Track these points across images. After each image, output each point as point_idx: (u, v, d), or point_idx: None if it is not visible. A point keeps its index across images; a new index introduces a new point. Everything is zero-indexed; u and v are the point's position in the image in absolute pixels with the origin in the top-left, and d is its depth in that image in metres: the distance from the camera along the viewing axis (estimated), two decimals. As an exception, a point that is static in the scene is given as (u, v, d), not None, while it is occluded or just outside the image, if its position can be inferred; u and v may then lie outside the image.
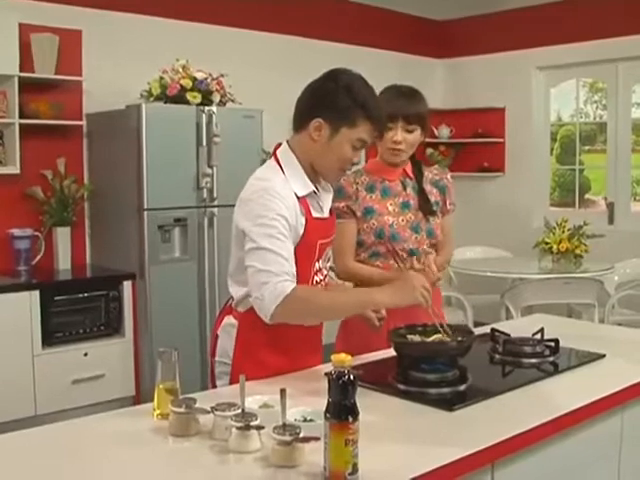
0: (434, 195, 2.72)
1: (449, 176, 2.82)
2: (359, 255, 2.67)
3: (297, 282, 2.05)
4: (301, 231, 2.10)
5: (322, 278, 2.24)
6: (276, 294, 1.95)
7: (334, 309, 2.09)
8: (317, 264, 2.19)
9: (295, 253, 2.08)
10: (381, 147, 2.67)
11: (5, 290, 4.09)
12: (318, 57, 6.10)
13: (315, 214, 2.16)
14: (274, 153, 2.20)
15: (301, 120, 2.14)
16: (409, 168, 2.73)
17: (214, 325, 2.34)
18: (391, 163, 2.69)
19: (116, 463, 1.55)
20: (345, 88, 2.08)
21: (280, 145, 2.21)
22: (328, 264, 2.30)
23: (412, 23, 7.02)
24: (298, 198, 2.11)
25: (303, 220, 2.11)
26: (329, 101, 2.08)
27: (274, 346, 2.16)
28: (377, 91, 2.21)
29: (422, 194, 2.70)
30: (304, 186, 2.14)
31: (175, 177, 4.57)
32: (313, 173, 2.18)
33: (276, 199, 2.04)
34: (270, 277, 1.96)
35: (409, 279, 2.07)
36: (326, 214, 2.24)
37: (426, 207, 2.68)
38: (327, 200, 2.27)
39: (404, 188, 2.69)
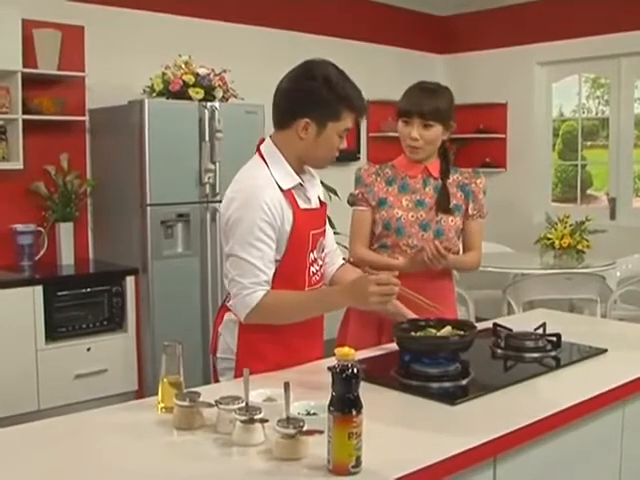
0: (457, 198, 2.68)
1: (479, 181, 2.72)
2: (373, 245, 2.69)
3: (294, 274, 2.14)
4: (289, 226, 2.12)
5: (318, 269, 2.27)
6: (245, 306, 2.09)
7: (299, 312, 2.17)
8: (312, 255, 2.22)
9: (288, 245, 2.13)
10: (402, 143, 2.66)
11: (8, 285, 4.09)
12: (320, 53, 6.05)
13: (303, 205, 2.19)
14: (258, 148, 2.23)
15: (285, 119, 2.16)
16: (435, 166, 2.69)
17: (214, 323, 2.36)
18: (411, 159, 2.68)
19: (120, 456, 1.56)
20: (325, 83, 2.10)
21: (263, 140, 2.24)
22: (323, 254, 2.32)
23: (413, 18, 7.01)
24: (283, 191, 2.14)
25: (290, 213, 2.13)
26: (313, 100, 2.11)
27: (275, 340, 2.18)
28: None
29: (443, 190, 2.66)
30: (290, 179, 2.17)
31: (178, 173, 4.57)
32: (299, 166, 2.21)
33: (258, 199, 2.07)
34: (240, 289, 2.09)
35: (363, 285, 2.02)
36: (314, 205, 2.27)
37: (442, 203, 2.64)
38: (314, 191, 2.29)
39: (424, 186, 2.68)
